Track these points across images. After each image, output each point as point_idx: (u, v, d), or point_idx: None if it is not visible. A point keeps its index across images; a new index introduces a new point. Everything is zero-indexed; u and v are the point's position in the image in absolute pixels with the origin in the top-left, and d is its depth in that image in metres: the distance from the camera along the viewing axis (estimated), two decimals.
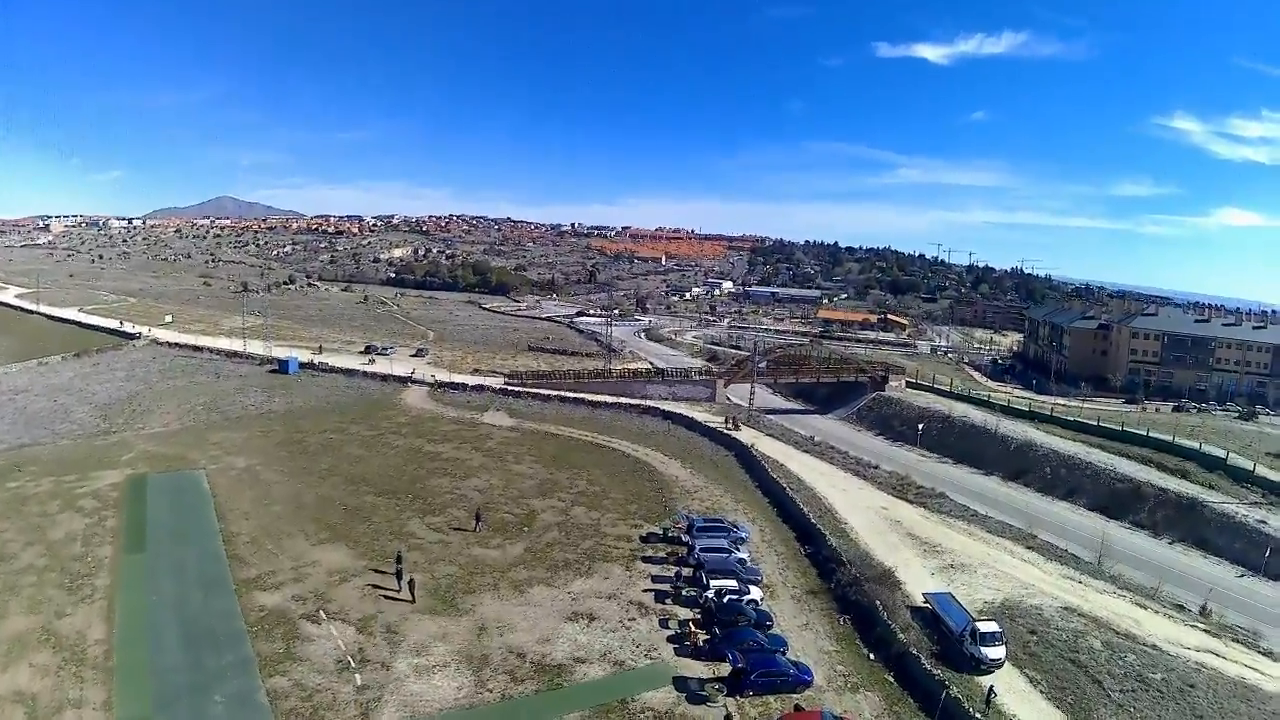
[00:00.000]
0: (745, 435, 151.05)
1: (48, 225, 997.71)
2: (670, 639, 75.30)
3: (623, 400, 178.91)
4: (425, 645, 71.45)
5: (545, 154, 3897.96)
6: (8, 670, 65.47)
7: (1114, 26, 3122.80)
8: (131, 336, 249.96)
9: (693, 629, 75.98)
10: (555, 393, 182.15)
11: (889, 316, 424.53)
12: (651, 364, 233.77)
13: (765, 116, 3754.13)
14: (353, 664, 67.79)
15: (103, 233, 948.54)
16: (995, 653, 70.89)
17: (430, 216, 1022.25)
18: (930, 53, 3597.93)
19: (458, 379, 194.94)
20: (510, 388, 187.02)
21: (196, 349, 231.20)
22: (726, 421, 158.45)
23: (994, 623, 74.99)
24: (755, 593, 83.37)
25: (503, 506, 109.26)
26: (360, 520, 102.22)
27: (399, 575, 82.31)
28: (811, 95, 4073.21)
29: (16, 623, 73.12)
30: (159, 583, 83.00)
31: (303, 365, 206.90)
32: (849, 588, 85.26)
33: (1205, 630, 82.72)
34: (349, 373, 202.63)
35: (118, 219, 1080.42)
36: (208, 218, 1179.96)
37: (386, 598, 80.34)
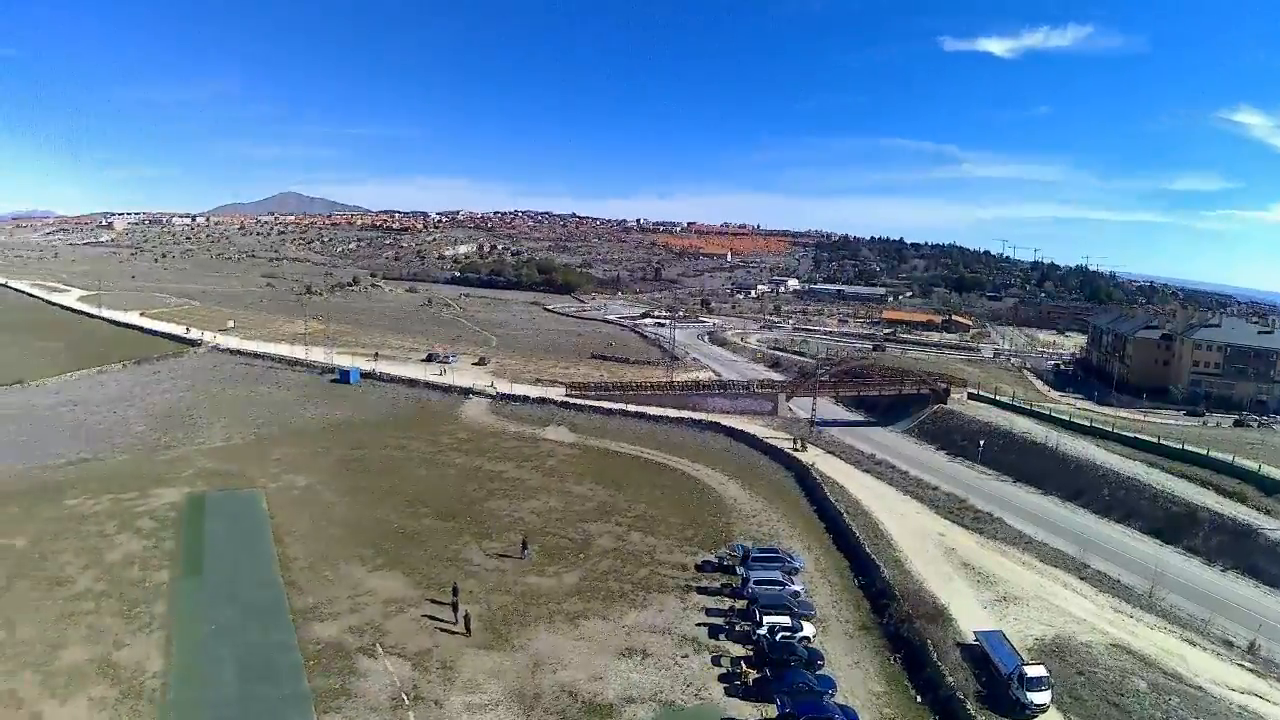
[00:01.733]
0: (806, 454, 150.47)
1: (110, 223, 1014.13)
2: (721, 677, 75.81)
3: (685, 415, 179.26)
4: (478, 682, 72.63)
5: (606, 148, 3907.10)
6: (67, 704, 67.84)
7: (1178, 20, 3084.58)
8: (193, 343, 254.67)
9: (744, 668, 76.54)
10: (617, 406, 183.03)
11: (953, 317, 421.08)
12: (715, 373, 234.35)
13: (829, 109, 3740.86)
14: (407, 701, 69.14)
15: (165, 230, 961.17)
16: (1041, 698, 70.69)
17: (495, 212, 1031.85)
18: (996, 46, 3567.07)
19: (519, 390, 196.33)
20: (571, 400, 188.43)
21: (258, 356, 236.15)
22: (795, 442, 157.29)
23: (1042, 666, 74.52)
24: (808, 629, 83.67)
25: (560, 531, 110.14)
26: (417, 545, 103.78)
27: (455, 607, 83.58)
28: (873, 88, 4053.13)
29: (76, 653, 75.58)
30: (216, 611, 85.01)
31: (363, 375, 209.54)
32: (901, 624, 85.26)
33: (1251, 670, 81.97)
34: (410, 383, 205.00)
35: (180, 216, 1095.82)
36: (272, 214, 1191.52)
37: (442, 630, 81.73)
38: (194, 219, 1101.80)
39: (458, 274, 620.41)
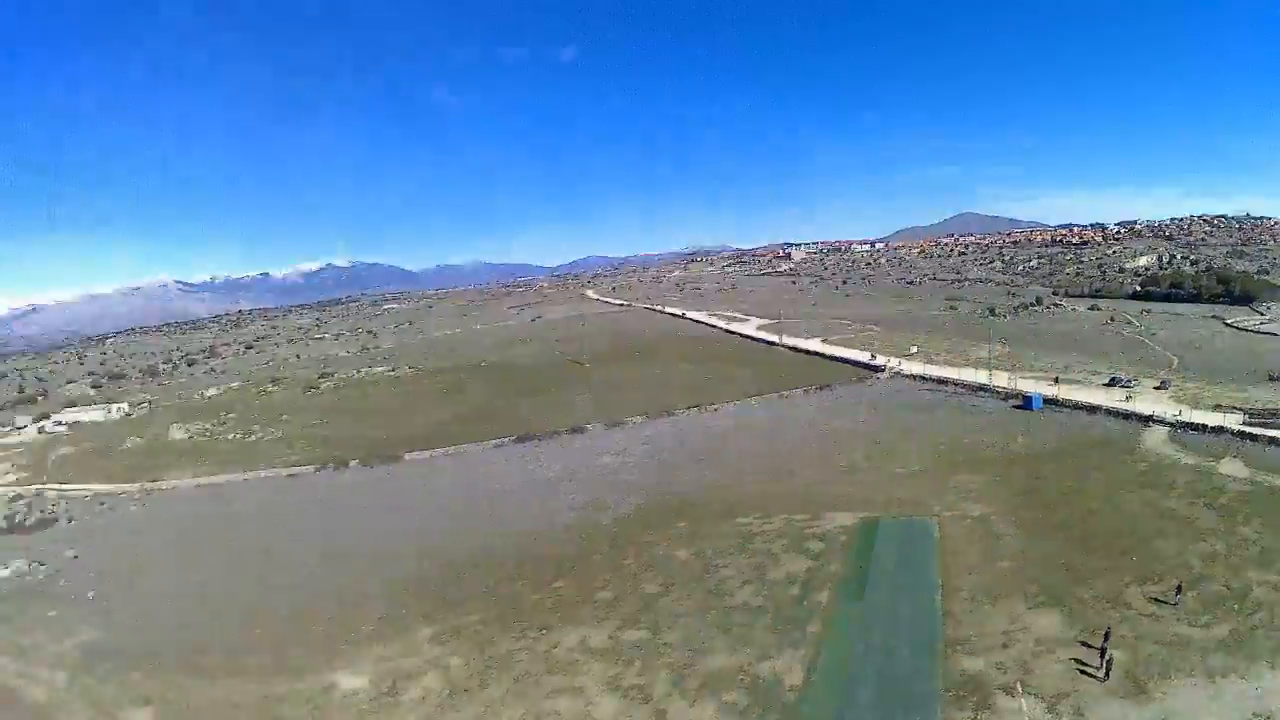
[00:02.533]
0: None
1: (788, 253, 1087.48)
2: None
3: None
4: None
5: None
6: (696, 705, 78.31)
7: None
8: (876, 369, 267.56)
9: None
10: None
11: None
12: None
13: None
14: None
15: (845, 257, 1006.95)
16: None
17: (1171, 219, 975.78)
18: None
19: (1197, 418, 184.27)
20: (1249, 429, 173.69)
21: (941, 382, 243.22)
22: None
23: None
24: None
25: (1221, 578, 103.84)
26: (1080, 583, 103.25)
27: (1102, 652, 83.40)
28: None
29: (718, 660, 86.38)
30: (868, 634, 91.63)
31: (1045, 401, 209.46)
32: None
33: None
34: (1090, 409, 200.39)
35: (860, 242, 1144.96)
36: (950, 235, 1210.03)
37: (1084, 673, 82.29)
38: (873, 245, 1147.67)
39: (1138, 288, 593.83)
